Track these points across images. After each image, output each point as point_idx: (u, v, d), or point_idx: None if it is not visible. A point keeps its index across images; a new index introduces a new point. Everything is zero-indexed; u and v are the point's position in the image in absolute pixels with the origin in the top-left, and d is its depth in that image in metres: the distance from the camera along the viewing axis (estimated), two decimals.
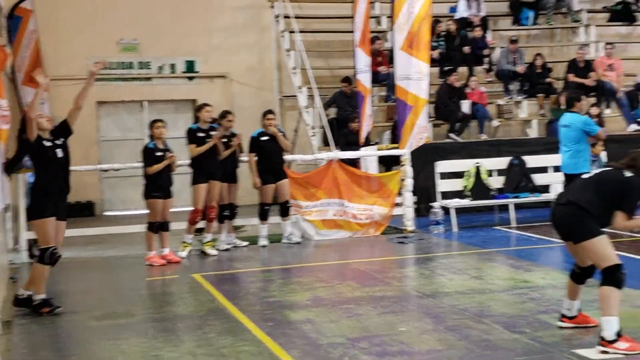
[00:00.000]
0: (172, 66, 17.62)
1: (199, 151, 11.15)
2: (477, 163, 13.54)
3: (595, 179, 6.39)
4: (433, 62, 15.35)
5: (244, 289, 9.37)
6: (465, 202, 13.14)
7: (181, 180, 12.43)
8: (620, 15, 19.27)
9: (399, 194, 12.85)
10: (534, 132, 16.33)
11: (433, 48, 15.71)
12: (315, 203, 12.40)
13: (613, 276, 6.08)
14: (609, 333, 6.01)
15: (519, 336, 6.61)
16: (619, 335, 6.03)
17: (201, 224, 11.50)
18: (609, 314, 6.04)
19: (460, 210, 13.05)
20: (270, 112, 12.19)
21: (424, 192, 13.64)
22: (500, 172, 13.75)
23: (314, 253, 11.66)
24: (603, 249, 6.16)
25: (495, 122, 16.12)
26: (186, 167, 11.49)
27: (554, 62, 17.53)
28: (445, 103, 15.55)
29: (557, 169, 12.51)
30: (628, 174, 6.22)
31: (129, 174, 15.69)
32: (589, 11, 19.19)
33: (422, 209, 13.53)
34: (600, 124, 14.07)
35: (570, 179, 10.26)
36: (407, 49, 12.71)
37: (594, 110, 14.83)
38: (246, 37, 17.72)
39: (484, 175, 13.50)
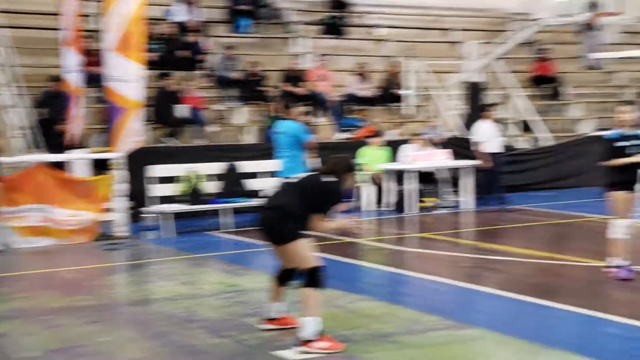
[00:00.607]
0: None
1: None
2: (193, 168, 13.44)
3: (298, 184, 6.57)
4: (152, 64, 15.10)
5: None
6: (180, 207, 12.97)
7: None
8: (331, 28, 20.26)
9: (111, 199, 12.41)
10: (250, 138, 16.59)
11: (152, 51, 15.45)
12: (18, 208, 11.61)
13: (313, 277, 6.25)
14: (308, 333, 6.15)
15: (224, 340, 6.59)
16: (321, 335, 6.18)
17: None
18: (309, 314, 6.19)
19: (177, 216, 12.85)
20: None
21: (141, 197, 13.29)
22: (217, 177, 13.77)
23: (15, 262, 10.87)
24: (304, 251, 6.31)
25: (212, 127, 16.18)
26: None
27: (270, 71, 17.94)
28: (161, 107, 15.32)
29: (272, 174, 12.77)
30: (326, 178, 6.45)
31: None
32: (305, 23, 19.93)
33: (138, 214, 13.18)
34: (312, 131, 14.58)
35: None
36: (118, 49, 12.28)
37: (305, 118, 15.33)
38: None
39: (199, 180, 13.43)
